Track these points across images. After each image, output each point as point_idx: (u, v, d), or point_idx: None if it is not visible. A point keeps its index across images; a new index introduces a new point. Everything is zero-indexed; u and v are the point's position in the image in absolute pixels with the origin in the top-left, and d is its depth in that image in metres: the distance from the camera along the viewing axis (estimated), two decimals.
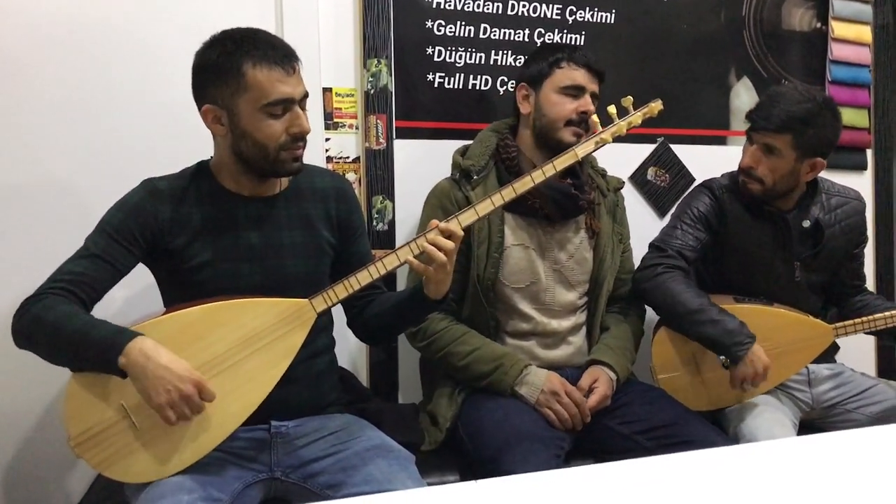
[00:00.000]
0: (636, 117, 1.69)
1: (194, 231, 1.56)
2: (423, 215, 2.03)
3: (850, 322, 2.02)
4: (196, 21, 2.06)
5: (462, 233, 1.53)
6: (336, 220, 1.71)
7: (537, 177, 1.60)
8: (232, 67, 1.48)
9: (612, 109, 1.67)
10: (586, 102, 1.93)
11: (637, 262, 2.15)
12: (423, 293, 1.59)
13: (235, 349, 1.46)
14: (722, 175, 2.19)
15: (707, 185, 2.17)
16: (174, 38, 2.06)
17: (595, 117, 1.68)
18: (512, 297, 1.96)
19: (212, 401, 1.39)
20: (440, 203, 1.98)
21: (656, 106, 1.73)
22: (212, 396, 1.39)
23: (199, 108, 1.55)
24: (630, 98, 1.69)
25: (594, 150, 1.67)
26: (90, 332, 1.38)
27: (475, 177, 1.96)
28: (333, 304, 1.53)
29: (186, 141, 1.81)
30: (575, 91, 1.94)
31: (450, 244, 1.50)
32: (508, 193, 1.58)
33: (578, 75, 1.95)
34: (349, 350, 2.26)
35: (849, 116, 2.79)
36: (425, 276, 1.55)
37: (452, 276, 1.92)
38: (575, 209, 1.98)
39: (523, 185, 1.59)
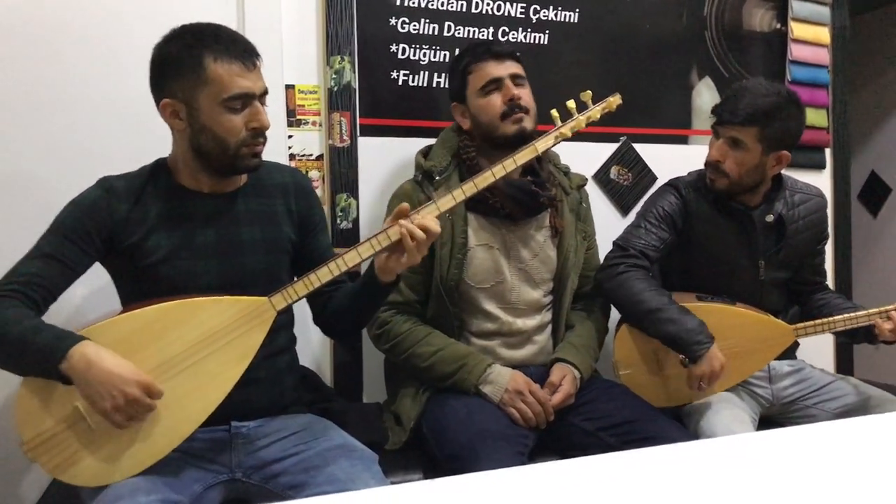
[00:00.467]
0: (595, 112, 1.69)
1: (150, 228, 1.53)
2: (386, 217, 2.01)
3: (811, 323, 2.05)
4: (155, 16, 2.03)
5: (438, 229, 1.51)
6: (297, 216, 1.70)
7: (498, 171, 1.59)
8: (192, 61, 1.47)
9: (571, 104, 1.66)
10: (509, 89, 1.93)
11: (602, 260, 2.16)
12: (376, 278, 1.57)
13: (194, 349, 1.44)
14: (688, 173, 2.20)
15: (673, 183, 2.18)
16: (133, 34, 2.03)
17: (554, 111, 1.67)
18: (477, 297, 1.96)
19: (160, 397, 1.37)
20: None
21: (615, 100, 1.72)
22: (159, 394, 1.37)
23: (157, 102, 1.53)
24: (589, 92, 1.69)
25: (554, 145, 1.67)
26: (33, 337, 1.35)
27: (437, 178, 1.95)
28: (293, 302, 1.51)
29: (145, 136, 1.79)
30: (493, 85, 1.94)
31: (422, 235, 1.48)
32: (469, 188, 1.58)
33: (489, 68, 1.95)
34: (313, 350, 2.24)
35: (808, 116, 2.82)
36: (385, 262, 1.53)
37: (417, 278, 1.92)
38: (536, 206, 1.98)
39: (484, 179, 1.59)
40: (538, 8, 2.48)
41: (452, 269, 1.92)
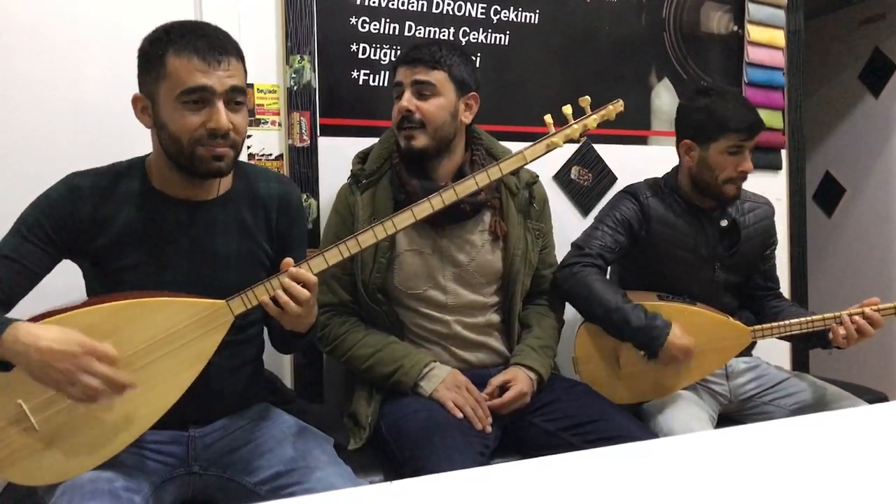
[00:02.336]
0: (591, 120, 1.58)
1: (117, 233, 1.47)
2: (329, 218, 2.03)
3: (768, 326, 2.08)
4: (110, 16, 2.00)
5: (315, 279, 1.43)
6: (276, 232, 1.63)
7: (481, 179, 1.52)
8: (155, 55, 1.41)
9: (567, 110, 1.56)
10: (405, 99, 1.86)
11: (560, 260, 2.16)
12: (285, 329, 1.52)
13: (144, 351, 1.38)
14: (644, 181, 2.24)
15: (630, 190, 2.21)
16: (86, 34, 1.99)
17: (548, 117, 1.57)
18: (409, 302, 1.93)
19: (114, 363, 1.30)
20: (336, 206, 1.98)
21: (615, 108, 1.62)
22: (111, 357, 1.29)
23: None
24: (587, 98, 1.58)
25: (544, 153, 1.57)
26: None
27: (363, 181, 1.93)
28: (253, 307, 1.44)
29: (98, 136, 1.76)
30: (396, 90, 1.90)
31: (304, 293, 1.41)
32: (450, 196, 1.51)
33: (398, 73, 1.90)
34: (273, 351, 2.20)
35: (764, 117, 2.84)
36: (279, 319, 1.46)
37: (350, 279, 1.89)
38: (457, 213, 1.90)
39: (466, 188, 1.52)
40: (499, 8, 2.49)
41: (375, 272, 1.88)
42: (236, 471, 1.52)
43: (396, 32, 2.35)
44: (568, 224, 2.45)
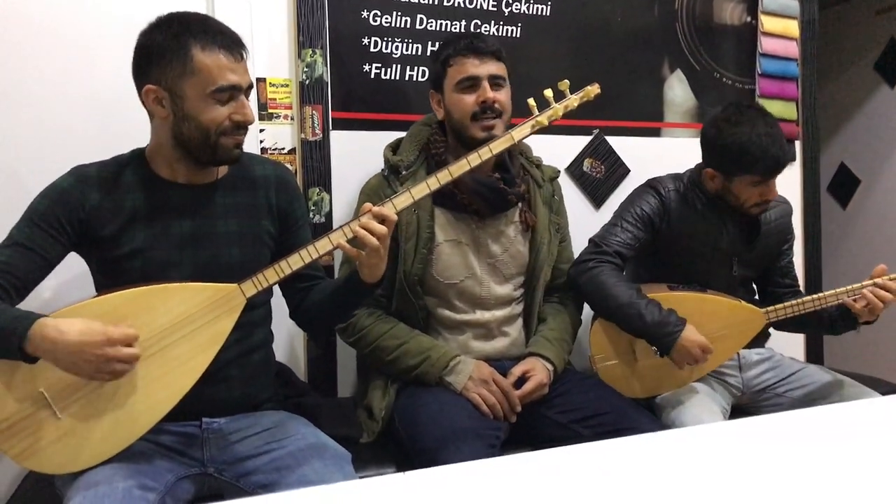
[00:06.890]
0: (573, 101, 1.68)
1: (125, 218, 1.52)
2: (355, 211, 2.01)
3: (781, 306, 2.08)
4: (124, 11, 2.01)
5: (395, 217, 1.51)
6: (276, 210, 1.68)
7: (473, 160, 1.59)
8: (179, 49, 1.46)
9: (548, 93, 1.65)
10: (484, 91, 1.89)
11: (576, 253, 2.17)
12: (358, 277, 1.58)
13: (161, 335, 1.42)
14: (666, 176, 2.22)
15: (652, 184, 2.20)
16: (99, 26, 2.01)
17: (531, 101, 1.65)
18: (446, 292, 1.96)
19: (137, 339, 1.36)
20: (369, 200, 1.96)
21: (593, 90, 1.71)
22: (134, 337, 1.35)
23: (139, 89, 1.52)
24: (566, 82, 1.67)
25: (530, 134, 1.65)
26: None
27: (404, 172, 1.94)
28: (263, 289, 1.49)
29: (112, 129, 1.77)
30: (469, 82, 1.91)
31: (382, 229, 1.49)
32: (444, 176, 1.57)
33: (468, 66, 1.91)
34: (286, 344, 2.23)
35: (778, 109, 2.86)
36: (358, 261, 1.54)
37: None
38: (503, 203, 1.97)
39: (459, 168, 1.58)
40: (510, 1, 2.48)
41: (416, 263, 1.91)
42: (250, 482, 1.53)
43: (408, 26, 2.35)
44: (581, 216, 2.44)
